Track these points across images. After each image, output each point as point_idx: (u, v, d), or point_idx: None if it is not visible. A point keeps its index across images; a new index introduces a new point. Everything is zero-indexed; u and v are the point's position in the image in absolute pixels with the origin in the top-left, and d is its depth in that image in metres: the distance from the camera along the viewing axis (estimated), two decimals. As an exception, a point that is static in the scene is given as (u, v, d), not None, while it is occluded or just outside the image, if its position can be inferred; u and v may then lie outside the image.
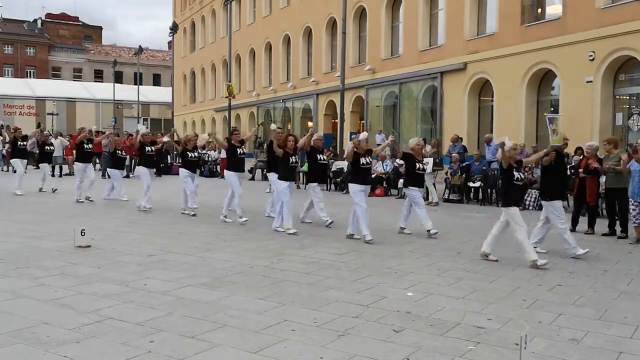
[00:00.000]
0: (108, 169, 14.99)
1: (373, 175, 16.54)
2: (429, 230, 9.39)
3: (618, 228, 9.92)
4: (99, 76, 66.29)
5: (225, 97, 31.21)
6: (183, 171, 12.08)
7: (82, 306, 5.19)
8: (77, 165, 14.30)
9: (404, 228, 9.80)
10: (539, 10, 20.31)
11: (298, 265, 7.09)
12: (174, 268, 6.84)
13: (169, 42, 55.87)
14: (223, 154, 23.13)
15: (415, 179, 9.79)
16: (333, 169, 18.28)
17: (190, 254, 7.67)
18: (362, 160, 9.11)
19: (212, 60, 44.55)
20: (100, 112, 52.63)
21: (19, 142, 15.92)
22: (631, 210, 9.32)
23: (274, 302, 5.45)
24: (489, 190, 15.14)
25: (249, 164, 17.52)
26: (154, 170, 13.04)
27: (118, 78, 57.49)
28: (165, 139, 15.06)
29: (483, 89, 22.46)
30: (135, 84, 50.45)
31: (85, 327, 4.62)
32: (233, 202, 10.92)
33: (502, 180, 8.01)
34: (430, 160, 14.64)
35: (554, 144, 8.15)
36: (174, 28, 44.24)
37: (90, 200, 13.60)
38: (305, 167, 20.31)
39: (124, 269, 6.76)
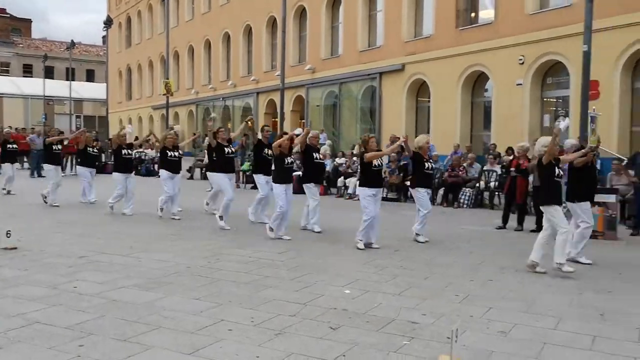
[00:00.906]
0: (77, 167, 13.84)
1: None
2: (417, 236, 9.05)
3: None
4: (28, 71, 63.54)
5: (163, 95, 30.64)
6: (163, 172, 11.19)
7: (7, 310, 4.98)
8: (48, 167, 13.30)
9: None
10: (473, 14, 20.91)
11: (236, 265, 7.04)
12: (107, 269, 6.66)
13: (103, 37, 54.19)
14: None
15: (425, 178, 9.31)
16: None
17: (125, 255, 7.49)
18: (374, 162, 8.51)
19: (149, 57, 43.60)
20: (29, 108, 50.46)
21: (8, 145, 14.37)
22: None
23: (210, 302, 5.40)
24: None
25: (187, 163, 17.28)
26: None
27: (49, 73, 55.27)
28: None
29: (420, 89, 22.92)
30: (67, 79, 48.71)
31: (11, 332, 4.44)
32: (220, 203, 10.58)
33: (542, 176, 7.44)
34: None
35: (591, 145, 7.99)
36: (109, 22, 42.83)
37: (56, 206, 12.43)
38: (246, 166, 20.23)
39: (53, 270, 6.52)
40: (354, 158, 16.55)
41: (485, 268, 7.25)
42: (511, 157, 12.15)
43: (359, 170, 10.03)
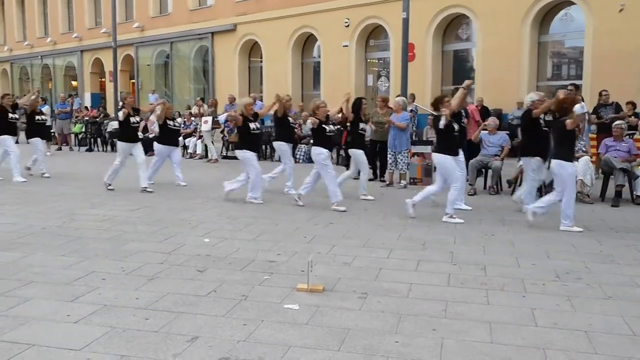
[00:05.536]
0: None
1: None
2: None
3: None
4: None
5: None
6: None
7: None
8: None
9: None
10: (301, -25, 21.66)
11: (92, 223, 7.17)
12: (-48, 236, 6.44)
13: None
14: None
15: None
16: (109, 129, 17.82)
17: (-33, 221, 7.23)
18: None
19: (-54, 8, 38.70)
20: None
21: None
22: (388, 159, 10.93)
23: (77, 257, 5.58)
24: (263, 146, 16.18)
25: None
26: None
27: None
28: None
29: (253, 49, 23.39)
30: None
31: None
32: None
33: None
34: (210, 119, 15.16)
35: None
36: None
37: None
38: (77, 128, 19.30)
39: None
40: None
41: (326, 213, 8.11)
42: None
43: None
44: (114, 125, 17.75)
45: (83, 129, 19.64)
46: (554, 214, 7.91)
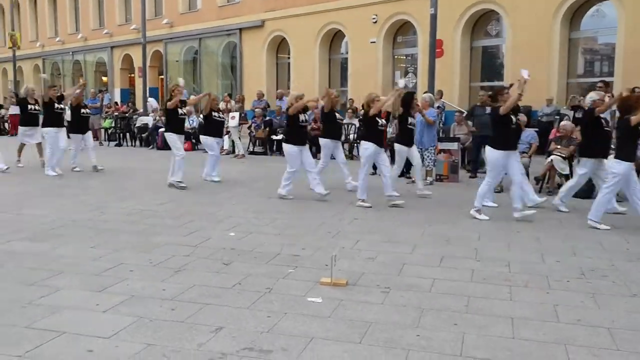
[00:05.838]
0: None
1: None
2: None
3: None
4: None
5: (9, 48, 28.35)
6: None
7: None
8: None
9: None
10: (328, -29, 21.66)
11: (121, 217, 7.32)
12: (-12, 227, 6.65)
13: None
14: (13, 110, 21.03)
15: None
16: (138, 124, 18.08)
17: (2, 212, 7.43)
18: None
19: (-19, 5, 39.62)
20: None
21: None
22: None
23: (106, 249, 5.72)
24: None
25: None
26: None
27: None
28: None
29: (280, 46, 23.46)
30: None
31: None
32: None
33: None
34: (237, 115, 15.31)
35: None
36: None
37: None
38: (107, 123, 19.55)
39: None
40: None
41: (351, 209, 8.15)
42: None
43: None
44: (142, 120, 18.04)
45: (113, 124, 19.97)
46: (583, 211, 7.79)
